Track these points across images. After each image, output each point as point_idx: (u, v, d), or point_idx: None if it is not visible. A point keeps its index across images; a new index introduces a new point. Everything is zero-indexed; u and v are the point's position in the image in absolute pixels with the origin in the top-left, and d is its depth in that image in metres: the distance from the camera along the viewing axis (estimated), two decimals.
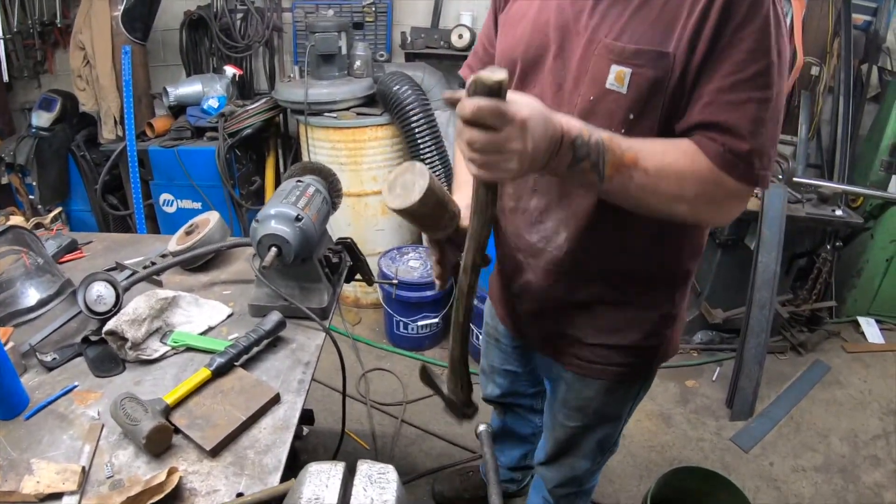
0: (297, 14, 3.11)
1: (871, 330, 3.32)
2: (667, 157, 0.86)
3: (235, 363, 1.08)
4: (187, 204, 3.00)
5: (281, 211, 1.15)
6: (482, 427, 1.25)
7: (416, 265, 2.60)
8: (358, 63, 2.69)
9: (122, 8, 2.86)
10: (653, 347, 1.16)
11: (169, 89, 3.04)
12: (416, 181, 0.92)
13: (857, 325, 3.33)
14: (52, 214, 1.82)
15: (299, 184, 1.28)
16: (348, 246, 1.37)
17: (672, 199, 0.87)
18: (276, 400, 1.03)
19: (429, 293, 2.54)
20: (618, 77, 0.87)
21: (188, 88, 3.04)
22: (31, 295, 1.25)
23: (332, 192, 1.39)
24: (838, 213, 2.82)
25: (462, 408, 1.14)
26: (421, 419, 2.37)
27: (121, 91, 2.95)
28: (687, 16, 0.83)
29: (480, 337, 2.50)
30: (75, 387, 1.08)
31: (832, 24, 3.12)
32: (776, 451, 2.41)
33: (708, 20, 0.82)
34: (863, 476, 2.33)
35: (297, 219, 1.15)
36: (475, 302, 1.05)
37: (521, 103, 0.74)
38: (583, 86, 0.92)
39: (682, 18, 0.84)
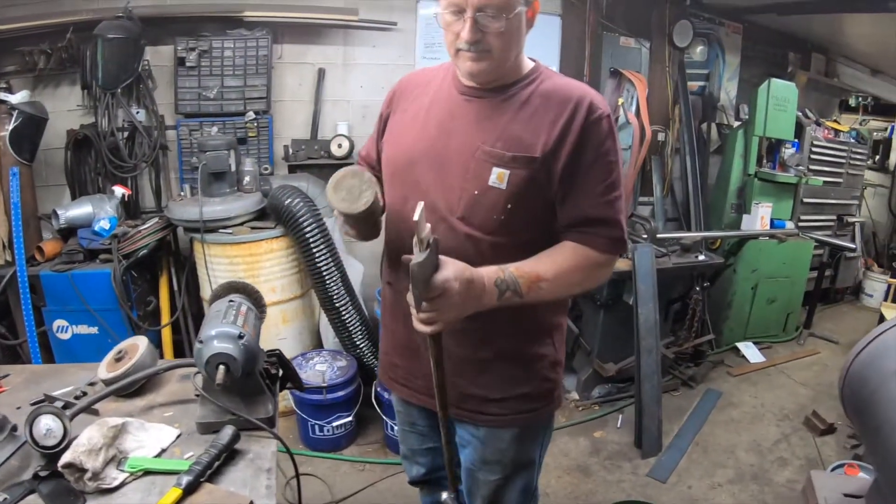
0: (181, 132, 3.17)
1: (750, 352, 3.72)
2: (557, 263, 1.18)
3: (202, 479, 1.10)
4: (83, 329, 2.89)
5: (223, 331, 1.23)
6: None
7: (323, 368, 2.66)
8: (247, 178, 2.79)
9: (9, 128, 2.78)
10: (547, 391, 1.37)
11: (59, 211, 2.96)
12: (362, 192, 1.13)
13: (737, 350, 3.73)
14: None
15: (232, 303, 1.36)
16: (280, 356, 1.45)
17: (570, 288, 1.24)
18: None
19: (340, 394, 2.60)
20: (499, 177, 1.16)
21: (78, 210, 2.97)
22: None
23: (258, 307, 1.48)
24: (701, 257, 3.21)
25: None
26: None
27: (9, 214, 2.85)
28: (549, 131, 1.15)
29: (395, 427, 2.60)
30: None
31: (671, 93, 3.61)
32: (691, 475, 2.65)
33: (568, 137, 1.15)
34: (774, 477, 2.63)
35: (240, 336, 1.23)
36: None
37: (449, 276, 1.04)
38: (467, 182, 1.18)
39: (544, 133, 1.16)
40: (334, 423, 2.66)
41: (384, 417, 2.66)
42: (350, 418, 2.70)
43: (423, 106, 1.28)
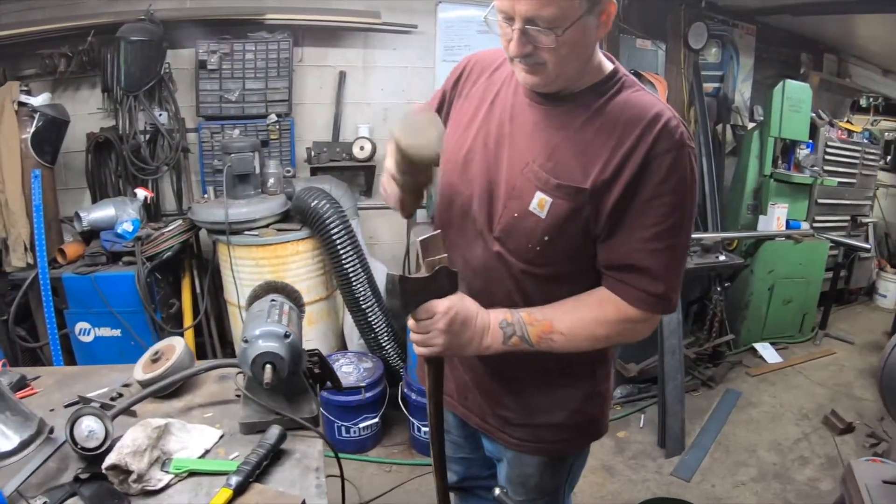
0: (203, 134, 3.18)
1: (767, 352, 3.73)
2: (578, 315, 1.07)
3: (251, 479, 1.09)
4: (106, 332, 2.89)
5: (268, 330, 1.21)
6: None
7: (350, 370, 2.67)
8: (271, 181, 2.81)
9: (31, 130, 2.79)
10: (581, 424, 1.26)
11: (81, 214, 2.96)
12: (431, 137, 0.98)
13: (755, 351, 3.74)
14: None
15: (274, 303, 1.34)
16: (320, 356, 1.42)
17: (595, 343, 1.10)
18: None
19: (368, 395, 2.60)
20: (539, 203, 1.04)
21: (101, 212, 2.96)
22: (11, 437, 1.17)
23: (297, 307, 1.47)
24: (721, 258, 3.22)
25: None
26: None
27: (30, 216, 2.84)
28: (607, 159, 0.99)
29: (423, 429, 2.61)
30: None
31: (687, 94, 3.62)
32: (714, 474, 2.67)
33: (626, 168, 0.99)
34: (796, 476, 2.65)
35: (286, 336, 1.21)
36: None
37: (443, 304, 1.01)
38: (510, 200, 1.07)
39: (601, 159, 1.00)
40: (361, 425, 2.66)
41: (411, 418, 2.66)
42: (376, 419, 2.71)
43: (488, 98, 1.17)
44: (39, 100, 2.85)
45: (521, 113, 1.10)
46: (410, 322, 1.03)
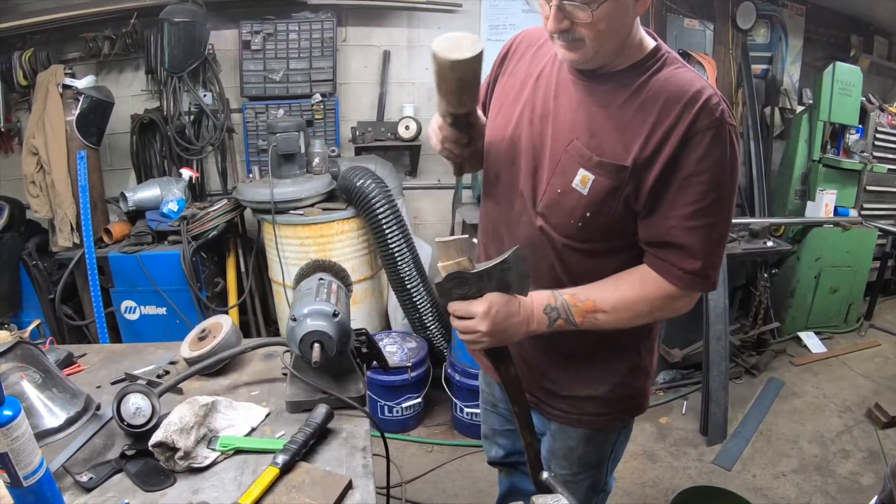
0: (247, 114, 3.20)
1: (812, 342, 3.64)
2: (619, 293, 1.09)
3: (297, 458, 1.09)
4: (151, 310, 2.94)
5: (316, 308, 1.21)
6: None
7: (394, 349, 2.67)
8: (316, 160, 2.81)
9: (76, 112, 2.84)
10: (624, 398, 1.28)
11: (127, 194, 3.00)
12: (470, 44, 0.95)
13: (799, 340, 3.65)
14: (30, 328, 1.73)
15: (322, 281, 1.34)
16: (367, 335, 1.42)
17: (636, 319, 1.11)
18: (349, 486, 1.04)
19: (412, 375, 2.61)
20: (582, 180, 1.05)
21: (146, 192, 3.00)
22: (58, 414, 1.18)
23: (346, 285, 1.47)
24: (769, 244, 3.14)
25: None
26: (423, 495, 2.42)
27: (77, 197, 2.88)
28: (647, 136, 1.00)
29: (465, 409, 2.60)
30: None
31: (735, 75, 3.53)
32: (755, 463, 2.63)
33: (666, 145, 0.99)
34: (837, 469, 2.59)
35: (335, 314, 1.21)
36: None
37: (483, 305, 1.05)
38: (554, 177, 1.09)
39: (642, 136, 1.01)
40: (403, 405, 2.68)
41: (454, 399, 2.66)
42: (419, 399, 2.72)
43: (533, 74, 1.17)
44: (84, 82, 2.89)
45: (566, 90, 1.11)
46: (456, 323, 1.09)
